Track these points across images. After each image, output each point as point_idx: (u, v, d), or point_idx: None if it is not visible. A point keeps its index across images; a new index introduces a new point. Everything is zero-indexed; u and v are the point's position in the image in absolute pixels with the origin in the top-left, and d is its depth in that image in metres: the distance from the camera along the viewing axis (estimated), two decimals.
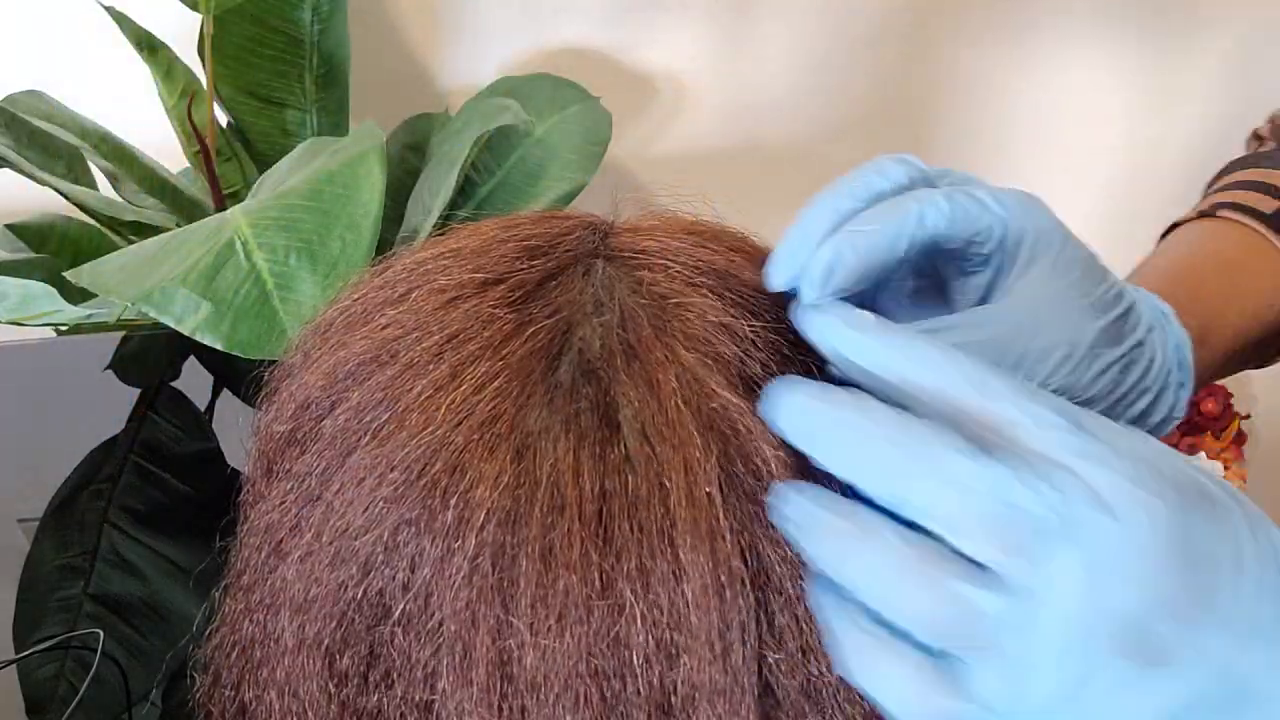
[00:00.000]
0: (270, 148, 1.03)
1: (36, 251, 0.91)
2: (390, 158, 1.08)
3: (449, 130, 1.03)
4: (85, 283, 0.68)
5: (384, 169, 0.71)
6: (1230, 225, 0.55)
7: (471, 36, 1.28)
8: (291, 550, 0.37)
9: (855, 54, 1.38)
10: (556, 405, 0.35)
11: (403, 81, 1.27)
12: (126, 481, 0.95)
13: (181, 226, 0.76)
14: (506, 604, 0.33)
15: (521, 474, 0.34)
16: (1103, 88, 1.42)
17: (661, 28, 1.32)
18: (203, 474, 0.96)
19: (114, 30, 0.93)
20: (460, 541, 0.34)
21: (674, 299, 0.38)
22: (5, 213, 0.94)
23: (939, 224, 0.38)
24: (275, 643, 0.37)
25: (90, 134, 0.94)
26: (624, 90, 1.32)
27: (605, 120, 1.07)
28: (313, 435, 0.38)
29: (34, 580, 0.92)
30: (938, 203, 0.38)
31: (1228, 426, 1.47)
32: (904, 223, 0.37)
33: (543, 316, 0.37)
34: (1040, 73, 1.42)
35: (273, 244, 0.67)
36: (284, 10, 0.99)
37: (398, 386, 0.36)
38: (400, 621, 0.34)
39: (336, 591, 0.35)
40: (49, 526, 0.93)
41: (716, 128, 1.37)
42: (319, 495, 0.37)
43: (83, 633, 0.89)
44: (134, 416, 0.97)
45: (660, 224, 0.41)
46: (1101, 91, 1.42)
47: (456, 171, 0.89)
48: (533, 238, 0.40)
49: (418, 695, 0.34)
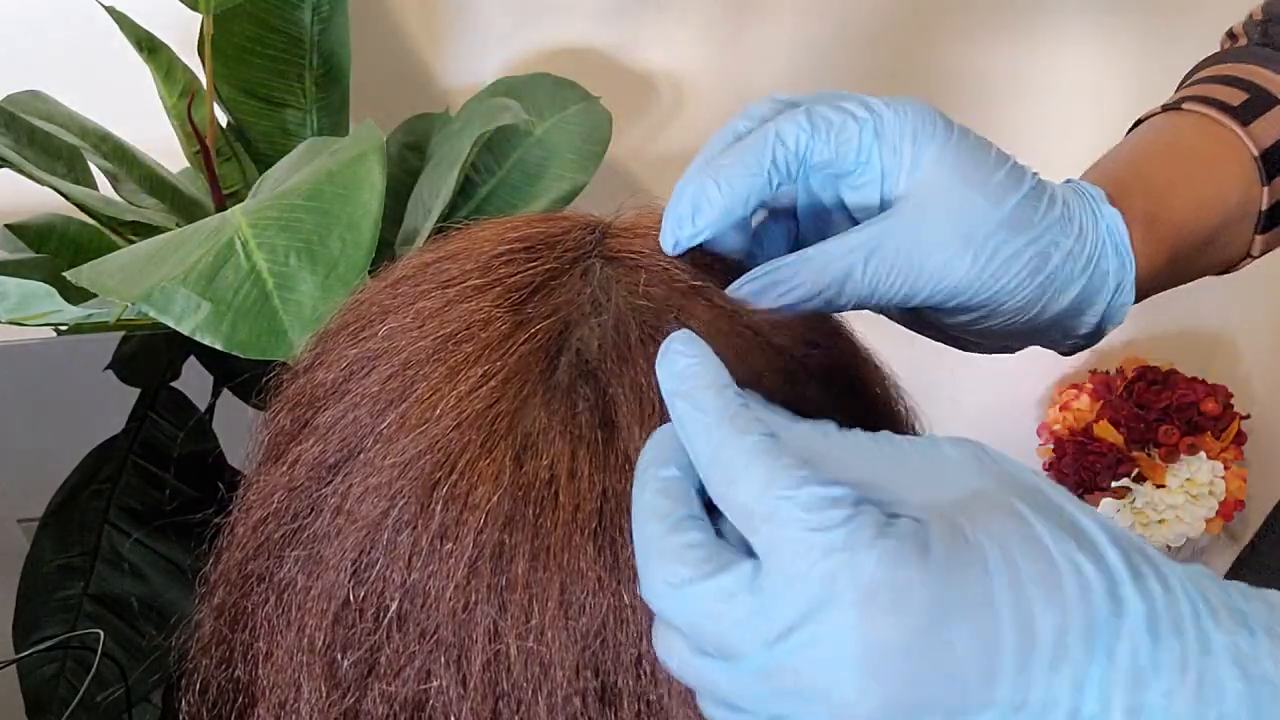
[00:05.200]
0: (270, 148, 1.03)
1: (36, 251, 0.91)
2: (390, 158, 1.08)
3: (449, 130, 1.03)
4: (85, 283, 0.68)
5: (384, 169, 0.71)
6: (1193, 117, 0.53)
7: (471, 36, 1.28)
8: (290, 546, 0.37)
9: (855, 54, 1.38)
10: (554, 406, 0.35)
11: (403, 81, 1.27)
12: (126, 481, 0.95)
13: (181, 226, 0.76)
14: (504, 604, 0.33)
15: (520, 475, 0.34)
16: (1104, 87, 1.42)
17: (661, 28, 1.32)
18: (203, 474, 0.96)
19: (114, 30, 0.93)
20: (458, 542, 0.34)
21: (671, 299, 0.38)
22: (5, 213, 0.94)
23: (799, 138, 0.38)
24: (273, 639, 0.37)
25: (90, 134, 0.94)
26: (624, 90, 1.31)
27: (605, 120, 1.07)
28: (314, 434, 0.38)
29: (34, 580, 0.92)
30: (796, 119, 0.39)
31: (1228, 427, 1.47)
32: (763, 146, 0.38)
33: (541, 317, 0.37)
34: (1041, 72, 1.42)
35: (273, 244, 0.67)
36: (284, 10, 0.99)
37: (398, 387, 0.36)
38: (396, 620, 0.34)
39: (333, 589, 0.35)
40: (49, 526, 0.94)
41: (716, 128, 1.37)
42: (319, 494, 0.37)
43: (83, 633, 0.89)
44: (134, 416, 0.97)
45: (657, 224, 0.41)
46: (1102, 90, 1.42)
47: (456, 171, 0.90)
48: (530, 239, 0.40)
49: (411, 693, 0.34)
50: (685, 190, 0.38)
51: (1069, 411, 1.52)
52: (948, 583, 0.28)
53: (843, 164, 0.39)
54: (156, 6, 0.93)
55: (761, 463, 0.30)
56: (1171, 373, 1.51)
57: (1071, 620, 0.28)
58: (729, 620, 0.29)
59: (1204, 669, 0.28)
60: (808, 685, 0.28)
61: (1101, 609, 0.28)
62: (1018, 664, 0.27)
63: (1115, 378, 1.53)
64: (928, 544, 0.28)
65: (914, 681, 0.27)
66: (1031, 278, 0.41)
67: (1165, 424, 1.46)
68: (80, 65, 1.06)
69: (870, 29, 1.37)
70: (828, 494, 0.29)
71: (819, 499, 0.29)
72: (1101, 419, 1.49)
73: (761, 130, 0.39)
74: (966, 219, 0.39)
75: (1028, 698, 0.27)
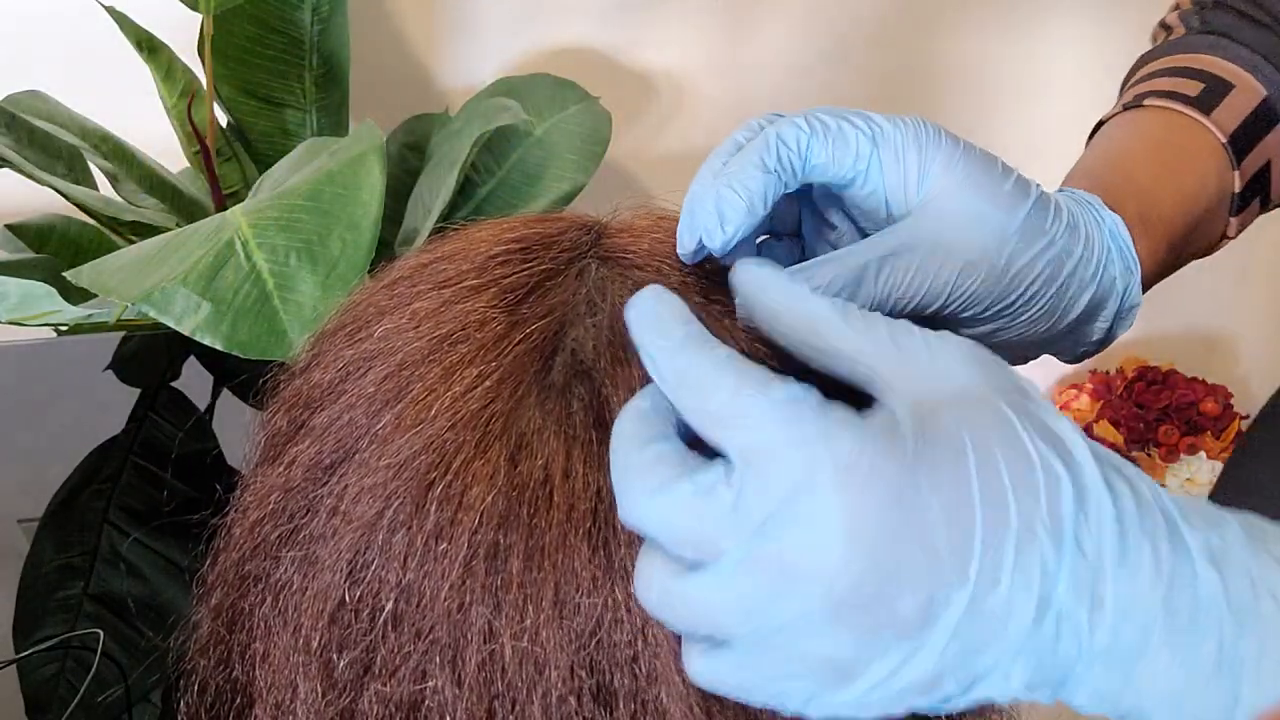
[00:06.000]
0: (270, 148, 1.03)
1: (36, 251, 0.91)
2: (390, 158, 1.08)
3: (449, 130, 1.03)
4: (85, 283, 0.68)
5: (384, 169, 0.71)
6: (1157, 112, 0.54)
7: (471, 36, 1.28)
8: (286, 547, 0.37)
9: (855, 54, 1.38)
10: (549, 406, 0.35)
11: (403, 81, 1.27)
12: (126, 481, 0.95)
13: (181, 226, 0.76)
14: (498, 604, 0.33)
15: (515, 475, 0.34)
16: (1104, 87, 1.42)
17: (661, 28, 1.32)
18: (203, 474, 0.96)
19: (114, 30, 0.93)
20: (453, 542, 0.34)
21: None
22: (5, 213, 0.94)
23: (799, 137, 0.39)
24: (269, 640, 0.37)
25: (90, 134, 0.94)
26: (624, 90, 1.32)
27: (605, 120, 1.07)
28: (310, 435, 0.38)
29: (34, 580, 0.92)
30: (794, 121, 0.39)
31: (1228, 427, 1.47)
32: (766, 147, 0.38)
33: (536, 318, 0.37)
34: (1042, 72, 1.42)
35: (273, 244, 0.67)
36: (284, 10, 0.99)
37: (394, 388, 0.37)
38: (391, 620, 0.34)
39: (329, 590, 0.35)
40: (49, 526, 0.94)
41: (716, 128, 1.37)
42: (315, 495, 0.37)
43: (83, 633, 0.89)
44: (134, 416, 0.97)
45: (653, 225, 0.41)
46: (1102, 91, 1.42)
47: (456, 171, 0.90)
48: (526, 240, 0.40)
49: (406, 693, 0.34)
50: (704, 200, 0.38)
51: (1069, 411, 1.52)
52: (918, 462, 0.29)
53: (840, 169, 0.40)
54: (156, 6, 0.93)
55: (729, 369, 0.31)
56: (1171, 373, 1.52)
57: (1040, 511, 0.29)
58: (709, 517, 0.30)
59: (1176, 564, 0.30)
60: (791, 565, 0.29)
61: (1069, 505, 0.30)
62: (989, 543, 0.29)
63: (1115, 378, 1.53)
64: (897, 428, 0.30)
65: (893, 550, 0.29)
66: (1047, 286, 0.41)
67: (1165, 424, 1.46)
68: (80, 65, 1.06)
69: (870, 29, 1.37)
70: (797, 389, 0.30)
71: (789, 394, 0.30)
72: (1101, 419, 1.49)
73: (760, 136, 0.39)
74: (983, 227, 0.40)
75: (999, 578, 0.29)
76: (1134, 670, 0.30)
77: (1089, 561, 0.29)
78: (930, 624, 0.29)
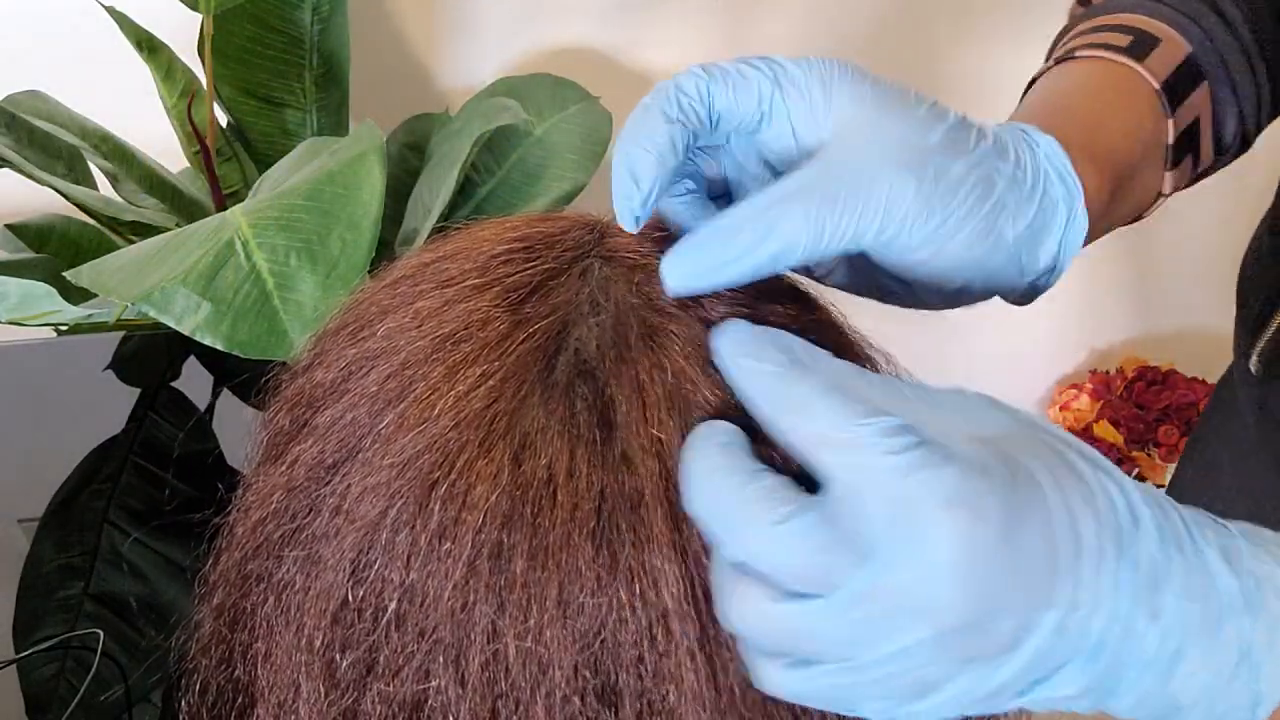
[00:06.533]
0: (270, 148, 1.03)
1: (36, 251, 0.91)
2: (390, 158, 1.08)
3: (449, 130, 1.03)
4: (85, 283, 0.68)
5: (384, 169, 0.71)
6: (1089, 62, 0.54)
7: (471, 36, 1.28)
8: (289, 546, 0.37)
9: (854, 54, 1.38)
10: (553, 405, 0.35)
11: (403, 81, 1.27)
12: (126, 481, 0.95)
13: (181, 226, 0.76)
14: (502, 604, 0.33)
15: (518, 474, 0.34)
16: None
17: (661, 28, 1.32)
18: (203, 474, 0.96)
19: (114, 30, 0.93)
20: (456, 541, 0.34)
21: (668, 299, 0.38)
22: (5, 213, 0.94)
23: (698, 84, 0.39)
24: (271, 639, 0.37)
25: (90, 134, 0.95)
26: (624, 90, 1.31)
27: (605, 120, 1.08)
28: (312, 434, 0.38)
29: (34, 580, 0.92)
30: (691, 70, 0.39)
31: None
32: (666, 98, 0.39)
33: (539, 317, 0.37)
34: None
35: (273, 244, 0.67)
36: (284, 10, 0.99)
37: (397, 387, 0.36)
38: (395, 619, 0.34)
39: (332, 589, 0.35)
40: (49, 526, 0.94)
41: None
42: (317, 495, 0.37)
43: (83, 633, 0.89)
44: (134, 416, 0.97)
45: (656, 224, 0.41)
46: None
47: (456, 171, 0.90)
48: (529, 239, 0.40)
49: (410, 693, 0.34)
50: (618, 169, 0.38)
51: (1069, 411, 1.52)
52: (1013, 494, 0.31)
53: (745, 112, 0.39)
54: (156, 6, 0.93)
55: (834, 396, 0.32)
56: (1171, 373, 1.52)
57: (1105, 528, 0.31)
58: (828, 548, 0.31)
59: (1200, 567, 0.32)
60: (901, 597, 0.30)
61: (1125, 519, 0.32)
62: (1070, 564, 0.31)
63: (1115, 378, 1.53)
64: (988, 464, 0.31)
65: (998, 581, 0.30)
66: (980, 203, 0.40)
67: (1165, 424, 1.46)
68: (80, 65, 1.06)
69: (870, 29, 1.37)
70: (898, 423, 0.31)
71: (893, 426, 0.31)
72: (1101, 419, 1.49)
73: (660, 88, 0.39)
74: (902, 146, 0.39)
75: (1078, 598, 0.31)
76: (1175, 672, 0.32)
77: (1143, 573, 0.31)
78: (1019, 645, 0.31)
